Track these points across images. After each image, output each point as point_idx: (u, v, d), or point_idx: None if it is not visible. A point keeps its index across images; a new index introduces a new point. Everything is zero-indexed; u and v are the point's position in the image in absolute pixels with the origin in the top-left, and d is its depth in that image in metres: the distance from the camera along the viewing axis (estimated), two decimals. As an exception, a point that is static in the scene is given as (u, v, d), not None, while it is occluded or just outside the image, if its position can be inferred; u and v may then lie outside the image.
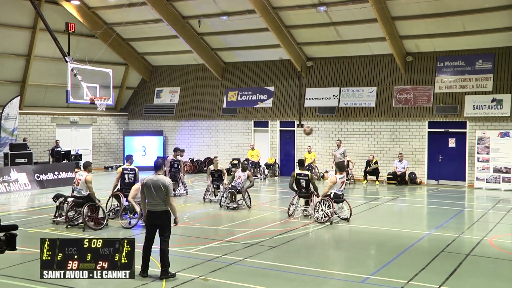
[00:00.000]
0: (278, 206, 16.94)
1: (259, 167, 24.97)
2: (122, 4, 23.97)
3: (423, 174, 22.93)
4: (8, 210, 16.40)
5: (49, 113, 26.85)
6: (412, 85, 23.32)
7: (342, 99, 24.67)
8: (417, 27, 22.05)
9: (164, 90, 29.91)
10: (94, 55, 22.81)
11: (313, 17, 22.82)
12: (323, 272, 9.48)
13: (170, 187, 9.04)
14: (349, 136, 24.41)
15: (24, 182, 20.49)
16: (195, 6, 24.12)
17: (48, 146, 26.15)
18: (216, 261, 10.05)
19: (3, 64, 24.13)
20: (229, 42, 26.39)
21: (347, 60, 24.95)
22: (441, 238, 12.19)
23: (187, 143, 28.40)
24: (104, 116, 29.08)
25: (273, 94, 26.49)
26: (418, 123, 23.06)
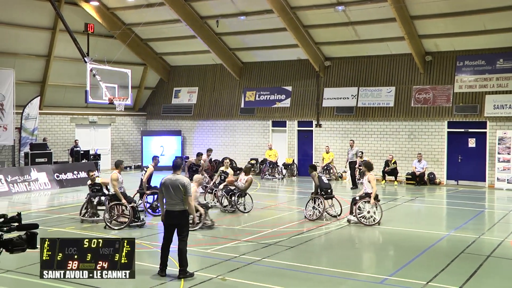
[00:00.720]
0: (296, 206, 16.90)
1: (277, 167, 24.94)
2: (141, 5, 24.11)
3: (442, 174, 22.71)
4: (28, 209, 16.59)
5: (68, 113, 27.12)
6: (431, 84, 23.10)
7: (360, 99, 24.54)
8: (436, 26, 21.84)
9: (182, 90, 30.03)
10: (112, 56, 22.98)
11: (331, 16, 22.74)
12: (341, 273, 9.44)
13: (188, 187, 9.06)
14: (367, 136, 24.27)
15: (44, 181, 20.71)
16: (213, 6, 24.17)
17: (67, 146, 26.41)
18: (234, 261, 10.06)
19: (24, 64, 24.42)
20: (247, 42, 26.41)
21: (365, 59, 24.80)
22: (461, 239, 12.06)
23: (205, 143, 28.46)
24: (122, 116, 29.29)
25: (291, 94, 26.44)
26: (437, 123, 22.84)
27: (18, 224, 4.84)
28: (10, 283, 8.48)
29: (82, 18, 24.48)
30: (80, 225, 13.54)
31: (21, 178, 19.96)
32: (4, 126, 22.80)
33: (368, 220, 13.55)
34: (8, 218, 4.84)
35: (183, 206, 9.02)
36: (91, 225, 13.55)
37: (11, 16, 23.17)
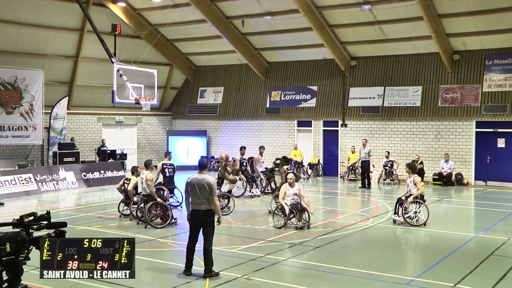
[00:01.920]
0: (322, 206, 16.82)
1: (302, 167, 24.88)
2: (167, 5, 24.30)
3: (470, 175, 22.36)
4: (56, 207, 16.87)
5: (95, 113, 27.49)
6: (459, 84, 22.76)
7: (386, 98, 24.32)
8: (465, 24, 21.51)
9: (207, 90, 30.16)
10: (139, 56, 23.21)
11: (357, 16, 22.59)
12: (366, 274, 9.36)
13: (214, 186, 9.09)
14: (394, 136, 24.04)
15: (71, 180, 21.02)
16: (239, 6, 24.23)
17: (94, 145, 26.76)
18: (259, 260, 10.06)
19: (53, 65, 24.83)
20: (273, 42, 26.39)
21: (391, 59, 24.57)
22: (490, 241, 11.85)
23: (230, 143, 28.56)
24: (148, 116, 29.56)
25: (316, 94, 26.34)
26: (465, 123, 22.49)
27: (48, 222, 4.91)
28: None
29: (109, 19, 24.80)
30: (107, 224, 13.71)
31: (49, 177, 20.28)
32: (33, 126, 23.22)
33: (413, 220, 13.42)
34: (37, 216, 4.90)
35: (209, 205, 9.06)
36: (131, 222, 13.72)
37: (41, 18, 23.59)
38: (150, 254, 10.67)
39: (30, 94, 23.02)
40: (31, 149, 24.21)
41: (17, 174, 19.06)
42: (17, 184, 18.78)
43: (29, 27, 23.42)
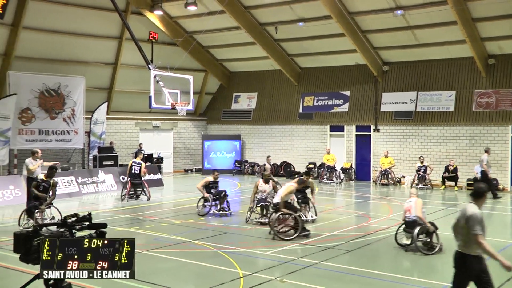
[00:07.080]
0: (354, 210, 16.99)
1: (335, 171, 25.06)
2: (202, 13, 24.80)
3: (506, 180, 22.13)
4: (96, 209, 17.49)
5: (133, 118, 28.21)
6: (494, 88, 22.59)
7: (419, 103, 24.29)
8: (500, 28, 21.33)
9: (241, 96, 30.59)
10: (175, 63, 23.78)
11: (389, 21, 22.66)
12: (400, 278, 9.46)
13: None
14: (427, 141, 23.99)
15: (110, 183, 21.72)
16: (272, 13, 24.57)
17: (132, 149, 27.43)
18: (292, 263, 10.28)
19: (93, 72, 25.61)
20: (306, 48, 26.63)
21: (424, 64, 24.54)
22: (526, 248, 11.81)
23: (263, 148, 28.90)
24: (184, 121, 30.14)
25: (349, 99, 26.47)
26: (500, 128, 22.30)
27: (89, 223, 5.23)
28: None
29: (146, 27, 25.48)
30: (144, 225, 14.19)
31: (90, 179, 21.04)
32: (75, 131, 24.01)
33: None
34: (80, 217, 5.22)
35: None
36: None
37: (83, 27, 24.41)
38: (186, 255, 10.99)
39: (72, 100, 23.83)
40: (72, 152, 25.00)
41: (60, 176, 19.80)
42: (60, 186, 19.50)
43: (72, 36, 24.24)
